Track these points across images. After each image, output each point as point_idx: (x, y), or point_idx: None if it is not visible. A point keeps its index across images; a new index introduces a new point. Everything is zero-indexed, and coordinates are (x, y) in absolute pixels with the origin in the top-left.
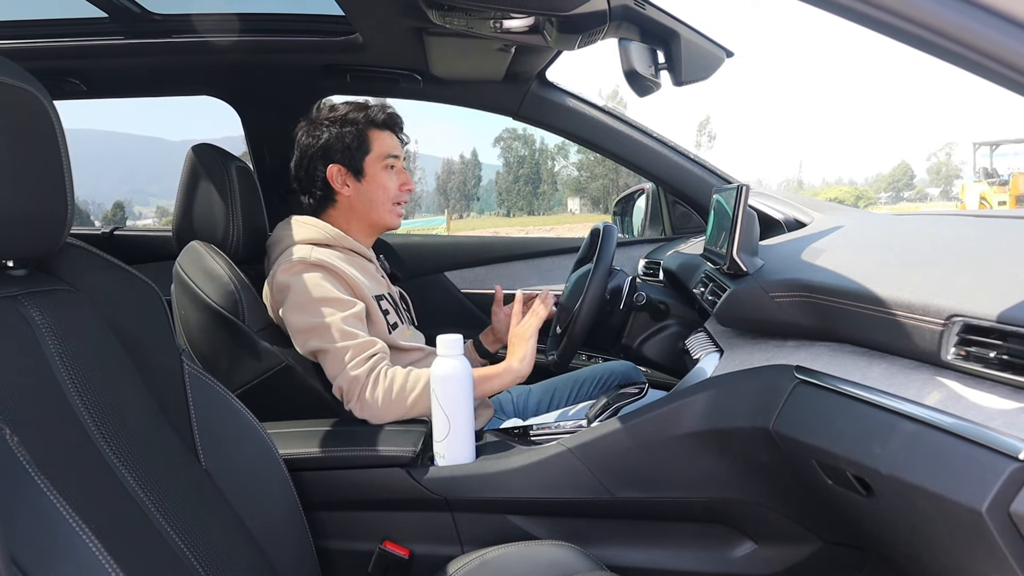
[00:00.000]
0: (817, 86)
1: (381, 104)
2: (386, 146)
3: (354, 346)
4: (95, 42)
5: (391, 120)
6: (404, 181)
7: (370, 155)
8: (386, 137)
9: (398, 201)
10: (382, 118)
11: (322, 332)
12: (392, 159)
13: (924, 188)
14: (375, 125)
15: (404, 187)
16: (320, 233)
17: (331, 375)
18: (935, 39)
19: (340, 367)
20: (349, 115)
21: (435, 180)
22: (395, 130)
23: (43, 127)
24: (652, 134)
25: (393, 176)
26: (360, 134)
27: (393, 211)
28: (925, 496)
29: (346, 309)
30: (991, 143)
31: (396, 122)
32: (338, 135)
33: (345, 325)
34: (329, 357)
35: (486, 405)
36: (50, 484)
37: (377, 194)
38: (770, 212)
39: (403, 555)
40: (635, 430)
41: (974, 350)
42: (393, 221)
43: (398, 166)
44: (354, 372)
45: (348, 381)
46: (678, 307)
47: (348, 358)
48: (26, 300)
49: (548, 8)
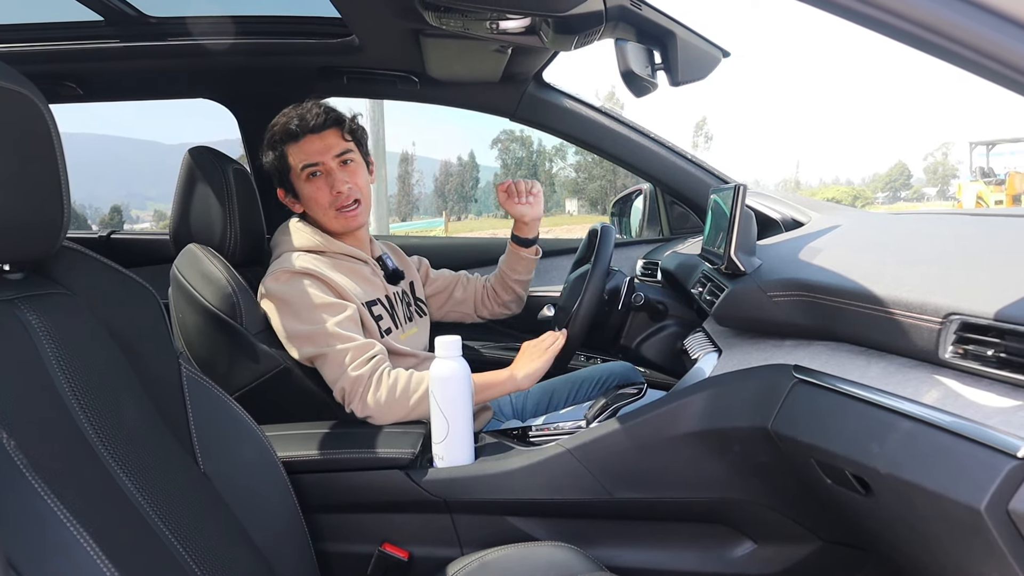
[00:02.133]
0: (814, 86)
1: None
2: (301, 157)
3: (353, 348)
4: (91, 45)
5: (303, 125)
6: (332, 185)
7: (291, 172)
8: (304, 145)
9: (337, 206)
10: (291, 128)
11: (317, 338)
12: (311, 167)
13: (921, 188)
14: (290, 139)
15: (334, 190)
16: (309, 240)
17: (331, 379)
18: (932, 38)
19: (340, 369)
20: (274, 136)
21: (433, 182)
22: (317, 131)
23: (39, 131)
24: (649, 135)
25: (321, 184)
26: (281, 156)
27: (338, 218)
28: (924, 495)
29: (339, 313)
30: (987, 142)
31: (307, 125)
32: (271, 160)
33: (340, 328)
34: (328, 361)
35: (485, 407)
36: (47, 487)
37: (312, 208)
38: (768, 212)
39: (402, 557)
40: (634, 430)
41: (972, 348)
42: (343, 226)
43: (324, 169)
44: (356, 373)
45: (350, 382)
46: (676, 307)
47: (348, 360)
48: (23, 304)
49: (544, 9)
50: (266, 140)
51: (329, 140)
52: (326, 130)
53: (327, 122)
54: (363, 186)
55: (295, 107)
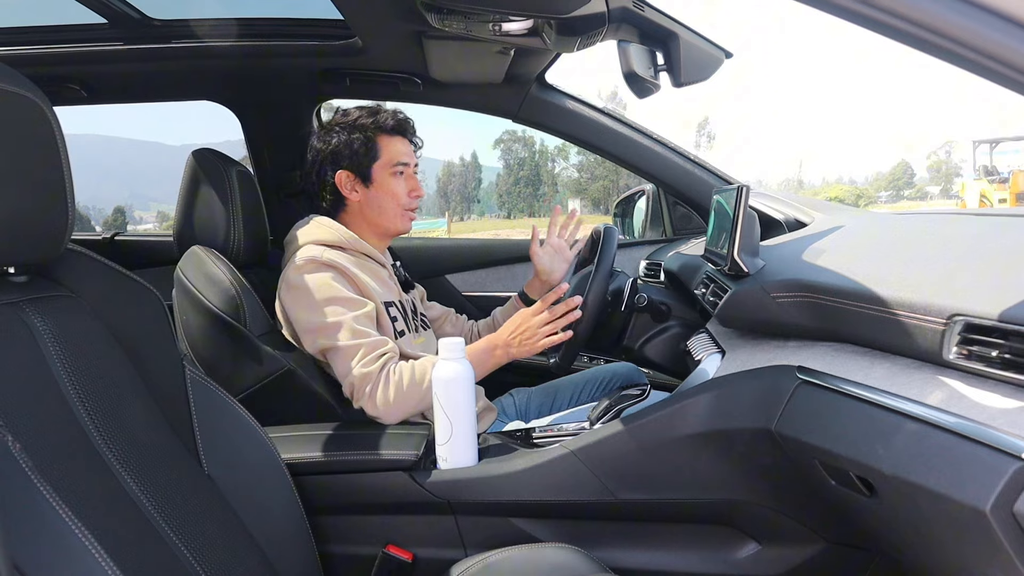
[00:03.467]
0: (816, 85)
1: (392, 110)
2: (395, 153)
3: (366, 344)
4: (95, 48)
5: (401, 126)
6: (413, 187)
7: (378, 162)
8: (396, 143)
9: (408, 207)
10: (391, 124)
11: (331, 330)
12: (401, 166)
13: (924, 187)
14: (384, 131)
15: (413, 193)
16: (334, 235)
17: (341, 373)
18: (933, 39)
19: (350, 365)
20: (359, 121)
21: (436, 183)
22: (406, 136)
23: (43, 133)
24: (652, 135)
25: (402, 182)
26: (369, 140)
27: (403, 216)
28: (928, 496)
29: (356, 309)
30: (991, 141)
31: (406, 128)
32: (347, 141)
33: (356, 324)
34: (339, 355)
35: (489, 408)
36: (52, 490)
37: (386, 200)
38: (771, 212)
39: (406, 559)
40: (638, 432)
41: (976, 349)
42: (403, 226)
43: (407, 172)
44: (365, 369)
45: (359, 378)
46: (679, 308)
47: (360, 356)
48: (27, 306)
49: (547, 11)
50: (347, 121)
51: (410, 147)
52: (409, 137)
53: (413, 132)
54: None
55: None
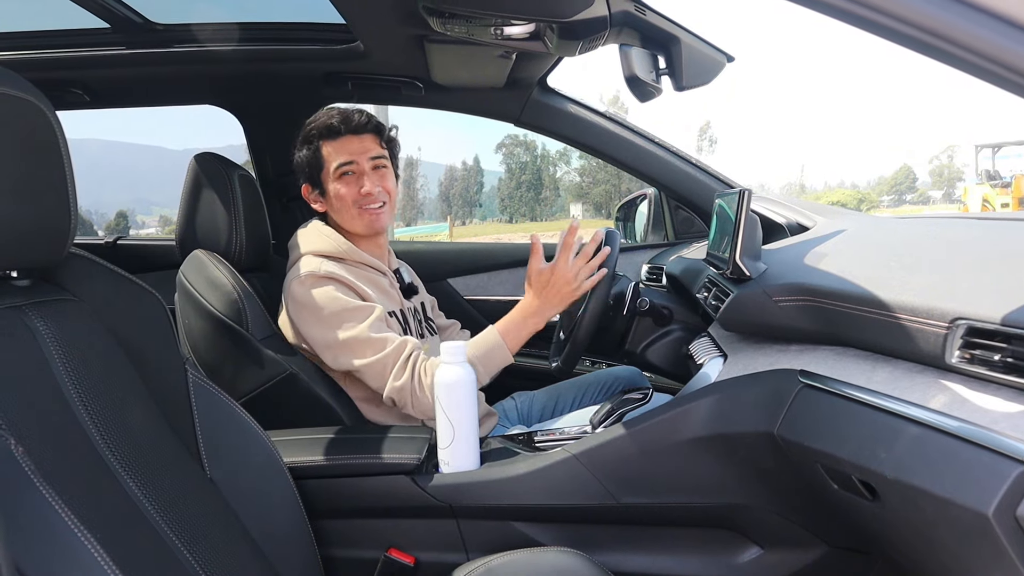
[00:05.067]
0: (818, 89)
1: (342, 110)
2: (336, 156)
3: (390, 354)
4: (97, 52)
5: (345, 123)
6: (361, 185)
7: (323, 170)
8: (341, 145)
9: (362, 206)
10: (334, 125)
11: (352, 347)
12: (344, 167)
13: (926, 191)
14: (327, 136)
15: (362, 191)
16: (332, 245)
17: (376, 387)
18: (935, 42)
19: (383, 380)
20: (310, 132)
21: (437, 187)
22: (356, 132)
23: (46, 138)
24: (654, 139)
25: (352, 182)
26: (316, 152)
27: (360, 216)
28: (931, 500)
29: (368, 316)
30: (993, 145)
31: (350, 125)
32: (302, 156)
33: (372, 333)
34: (369, 373)
35: (490, 412)
36: (55, 494)
37: (338, 205)
38: (772, 216)
39: (408, 563)
40: (640, 435)
41: (978, 353)
42: (366, 226)
43: (358, 169)
44: (398, 383)
45: (396, 392)
46: (681, 312)
47: (388, 372)
48: (30, 310)
49: (549, 15)
50: (302, 135)
51: (367, 143)
52: (366, 133)
53: (368, 126)
54: (391, 191)
55: (334, 108)
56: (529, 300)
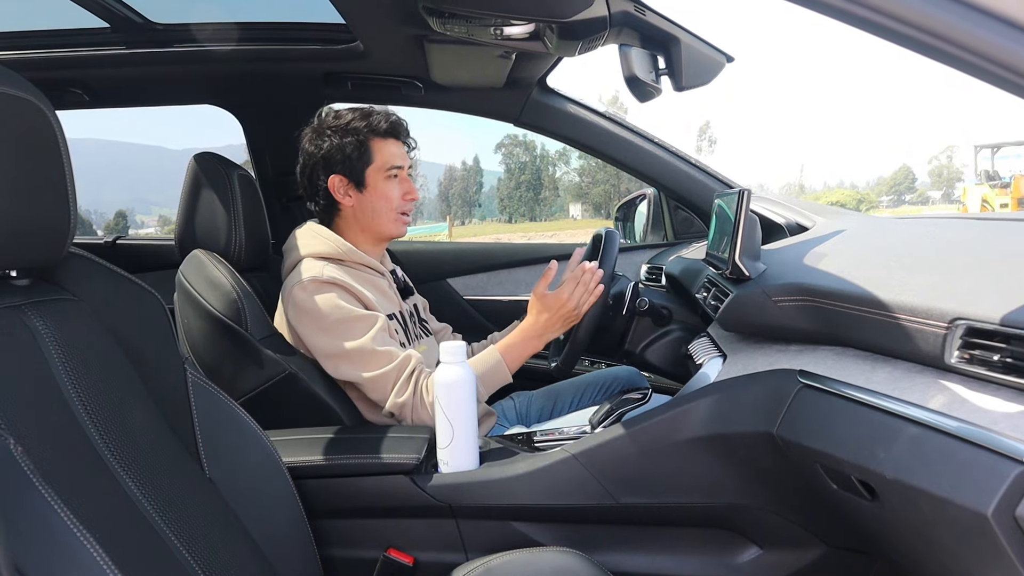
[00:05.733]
0: (817, 89)
1: (385, 112)
2: (388, 156)
3: (393, 370)
4: (97, 52)
5: (394, 129)
6: (408, 190)
7: (372, 166)
8: (389, 146)
9: (402, 211)
10: (384, 127)
11: (355, 359)
12: (395, 169)
13: (926, 191)
14: (377, 134)
15: (408, 196)
16: (331, 247)
17: (377, 400)
18: (935, 42)
19: (384, 395)
20: (351, 124)
21: (437, 187)
22: (399, 138)
23: (45, 137)
24: (653, 139)
25: (396, 186)
26: (362, 144)
27: (397, 220)
28: (930, 500)
29: (371, 327)
30: (992, 145)
31: (399, 130)
32: (339, 145)
33: (376, 346)
34: (370, 386)
35: (489, 412)
36: (54, 494)
37: (379, 204)
38: (772, 216)
39: (407, 563)
40: (639, 435)
41: (978, 353)
42: (398, 230)
43: (401, 175)
44: (400, 399)
45: (398, 408)
46: (681, 312)
47: (391, 386)
48: (29, 310)
49: (548, 15)
50: (339, 124)
51: (403, 150)
52: (402, 140)
53: (408, 136)
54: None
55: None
56: (532, 322)
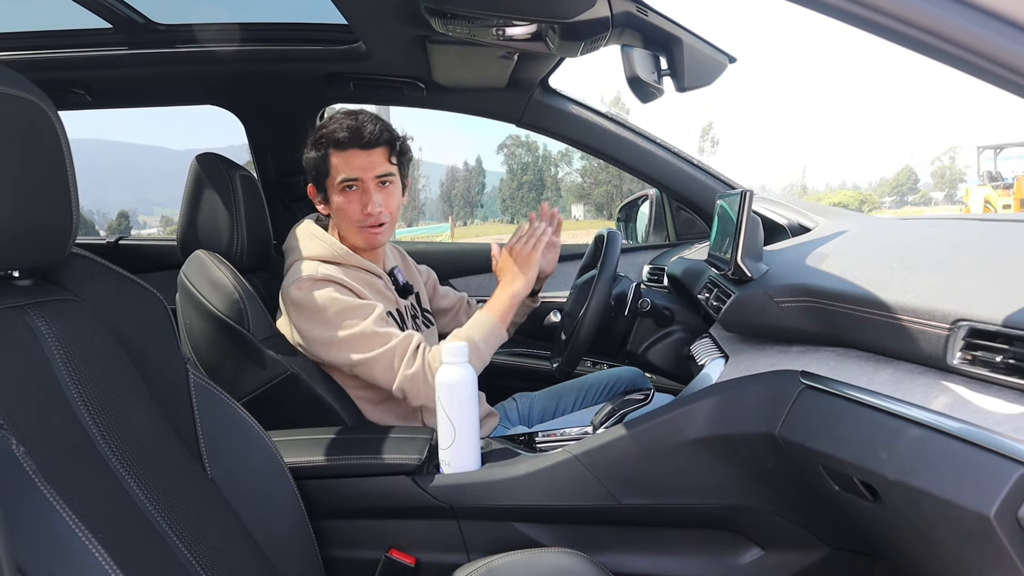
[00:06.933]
0: (820, 90)
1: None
2: (342, 169)
3: (397, 347)
4: (99, 52)
5: (354, 137)
6: (365, 203)
7: (329, 179)
8: (349, 157)
9: (363, 224)
10: (341, 136)
11: (358, 342)
12: (348, 182)
13: (928, 192)
14: (335, 146)
15: (364, 211)
16: (328, 250)
17: (385, 382)
18: (935, 43)
19: (392, 372)
20: (320, 135)
21: (439, 187)
22: (364, 146)
23: (48, 138)
24: (655, 140)
25: (354, 199)
26: (323, 157)
27: (360, 233)
28: (932, 501)
29: (370, 312)
30: (995, 146)
31: (360, 137)
32: (311, 158)
33: (376, 327)
34: (376, 366)
35: (491, 413)
36: (56, 494)
37: (339, 217)
38: (774, 217)
39: (409, 563)
40: (641, 436)
41: (980, 354)
42: (365, 242)
43: (363, 187)
44: (410, 371)
45: (408, 381)
46: (683, 313)
47: (396, 362)
48: (32, 310)
49: (551, 15)
50: (312, 138)
51: (375, 158)
52: (375, 148)
53: (379, 140)
54: (394, 210)
55: (350, 114)
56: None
